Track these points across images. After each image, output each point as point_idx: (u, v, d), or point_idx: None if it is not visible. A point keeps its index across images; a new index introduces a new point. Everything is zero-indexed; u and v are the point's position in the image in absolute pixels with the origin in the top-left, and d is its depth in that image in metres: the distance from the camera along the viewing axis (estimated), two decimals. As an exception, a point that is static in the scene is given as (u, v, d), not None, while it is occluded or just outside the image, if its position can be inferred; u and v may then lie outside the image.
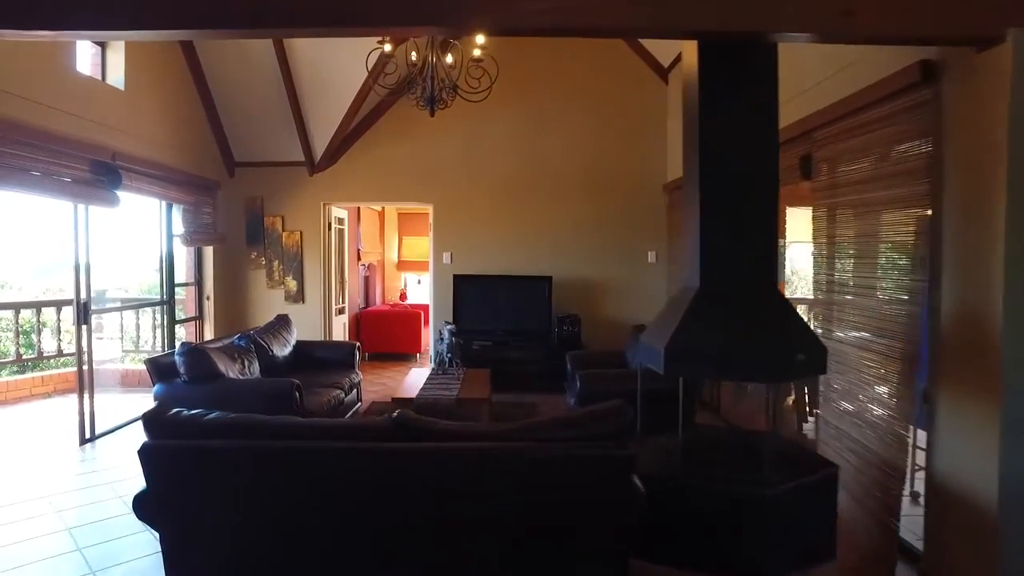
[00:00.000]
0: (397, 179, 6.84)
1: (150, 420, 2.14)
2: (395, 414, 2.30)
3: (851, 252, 3.24)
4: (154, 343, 7.18)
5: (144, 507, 2.11)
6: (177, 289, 6.01)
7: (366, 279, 9.45)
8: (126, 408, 5.61)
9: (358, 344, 5.62)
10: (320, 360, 5.44)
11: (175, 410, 2.19)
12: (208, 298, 6.42)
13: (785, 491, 2.44)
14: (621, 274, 6.92)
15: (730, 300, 2.63)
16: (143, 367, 6.91)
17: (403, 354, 8.50)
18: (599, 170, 6.85)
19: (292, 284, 6.82)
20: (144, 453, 2.03)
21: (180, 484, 2.09)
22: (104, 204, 4.55)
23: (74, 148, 4.22)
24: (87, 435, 4.63)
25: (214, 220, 6.32)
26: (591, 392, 4.27)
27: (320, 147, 6.50)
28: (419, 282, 10.82)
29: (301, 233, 6.83)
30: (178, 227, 5.88)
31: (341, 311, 7.45)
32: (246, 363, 4.40)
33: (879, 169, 2.98)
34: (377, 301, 9.96)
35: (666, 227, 6.87)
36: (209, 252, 6.46)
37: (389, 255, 10.63)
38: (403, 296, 10.44)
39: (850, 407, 3.11)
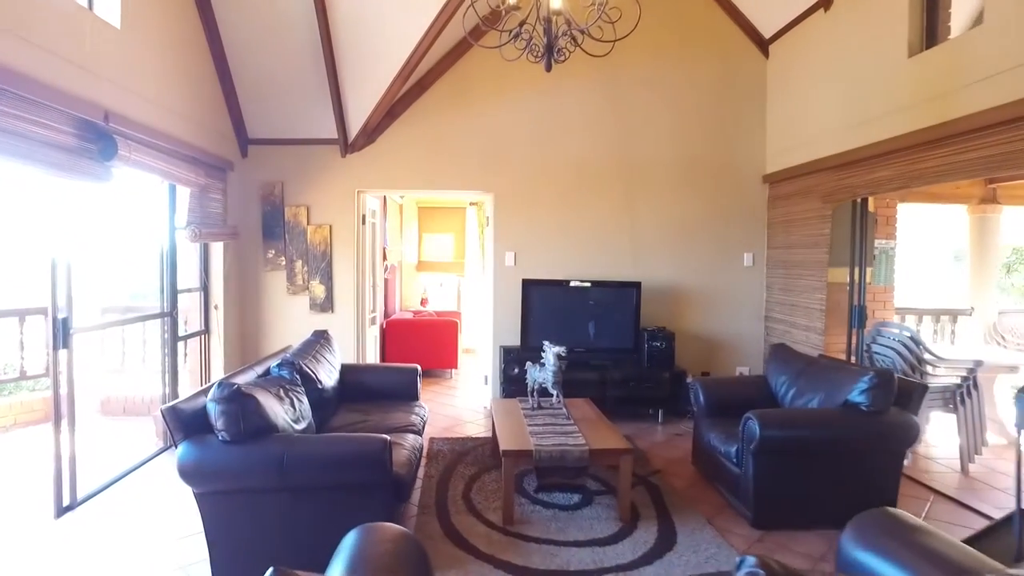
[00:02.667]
0: (450, 162, 5.64)
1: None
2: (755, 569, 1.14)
3: None
4: (144, 358, 5.86)
5: None
6: (180, 296, 4.71)
7: (385, 282, 8.21)
8: (113, 449, 4.32)
9: (419, 368, 4.42)
10: (373, 389, 4.24)
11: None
12: (216, 307, 5.13)
13: None
14: (712, 280, 5.84)
15: None
16: (132, 393, 5.60)
17: (433, 371, 7.30)
18: (688, 157, 5.76)
19: (319, 290, 5.57)
20: None
21: None
22: (92, 179, 3.27)
23: (54, 99, 2.95)
24: (66, 501, 3.34)
25: (224, 210, 5.04)
26: (772, 444, 3.16)
27: (358, 120, 5.26)
28: (441, 285, 9.60)
29: (330, 227, 5.57)
30: (180, 218, 4.60)
31: (373, 321, 6.22)
32: (295, 403, 3.17)
33: None
34: (396, 308, 8.71)
35: (765, 225, 5.82)
36: (217, 251, 5.17)
37: (407, 254, 9.38)
38: (424, 302, 9.22)
39: None
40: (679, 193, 5.77)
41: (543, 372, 3.89)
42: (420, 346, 7.17)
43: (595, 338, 5.44)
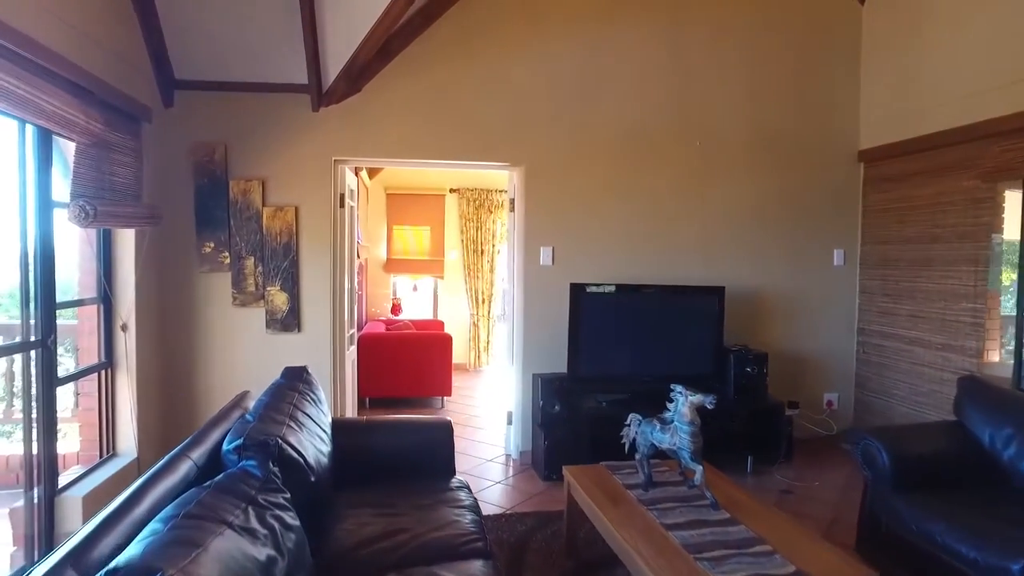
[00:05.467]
0: (463, 123, 4.11)
1: None
2: None
3: None
4: (12, 396, 4.02)
5: None
6: (61, 312, 2.98)
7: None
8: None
9: (451, 424, 2.89)
10: (385, 459, 2.69)
11: None
12: (124, 328, 3.41)
13: None
14: (794, 283, 4.60)
15: None
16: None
17: (419, 399, 5.79)
18: (763, 128, 4.50)
19: (280, 299, 3.92)
20: None
21: None
22: None
23: None
24: None
25: (137, 181, 3.33)
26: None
27: (339, 58, 3.66)
28: (415, 288, 8.00)
29: (296, 210, 3.94)
30: (62, 191, 2.88)
31: (352, 340, 4.61)
32: (279, 536, 1.60)
33: None
34: (364, 316, 7.06)
35: (860, 215, 4.64)
36: (126, 242, 3.45)
37: (375, 251, 7.74)
38: (396, 309, 7.61)
39: None
40: (754, 174, 4.50)
41: (669, 434, 2.46)
42: (402, 368, 5.61)
43: (666, 362, 4.07)
